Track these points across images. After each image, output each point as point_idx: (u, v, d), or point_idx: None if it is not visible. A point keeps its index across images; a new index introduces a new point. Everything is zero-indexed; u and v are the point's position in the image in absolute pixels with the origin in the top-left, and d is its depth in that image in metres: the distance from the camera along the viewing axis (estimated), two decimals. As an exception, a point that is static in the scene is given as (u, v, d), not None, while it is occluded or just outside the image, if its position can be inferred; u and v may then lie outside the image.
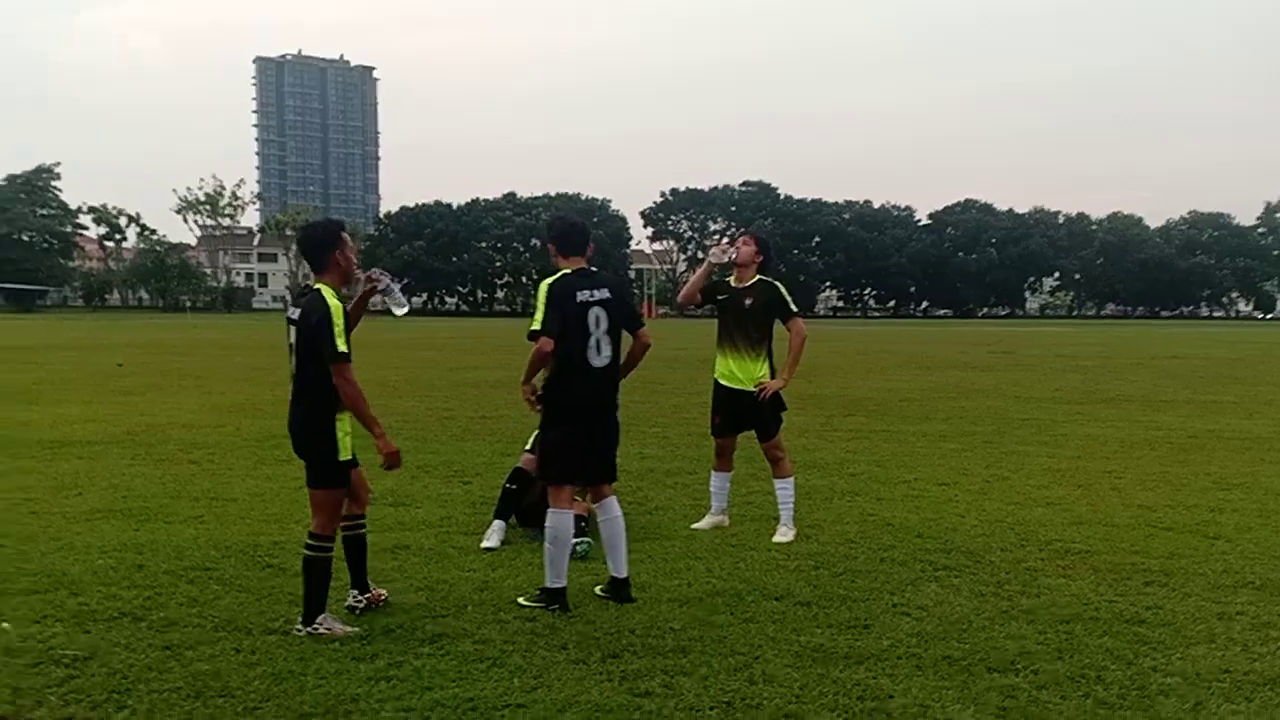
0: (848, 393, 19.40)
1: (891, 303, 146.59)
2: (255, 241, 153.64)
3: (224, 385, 20.60)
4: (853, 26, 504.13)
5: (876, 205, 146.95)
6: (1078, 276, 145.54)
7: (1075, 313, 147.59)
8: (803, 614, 5.94)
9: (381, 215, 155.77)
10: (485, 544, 7.38)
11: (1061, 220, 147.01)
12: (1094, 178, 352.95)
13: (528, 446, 8.23)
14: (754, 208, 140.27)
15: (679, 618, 5.80)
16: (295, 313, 5.52)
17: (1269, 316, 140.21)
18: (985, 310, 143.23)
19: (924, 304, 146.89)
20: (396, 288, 5.94)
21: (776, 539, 7.77)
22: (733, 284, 8.03)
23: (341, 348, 5.30)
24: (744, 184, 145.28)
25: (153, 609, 5.86)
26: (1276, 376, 26.00)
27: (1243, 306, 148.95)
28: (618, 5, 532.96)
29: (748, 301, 7.89)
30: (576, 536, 6.94)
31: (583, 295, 6.00)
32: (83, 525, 8.01)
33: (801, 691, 4.76)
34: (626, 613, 5.90)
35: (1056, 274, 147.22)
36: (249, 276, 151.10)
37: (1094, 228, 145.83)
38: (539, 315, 5.95)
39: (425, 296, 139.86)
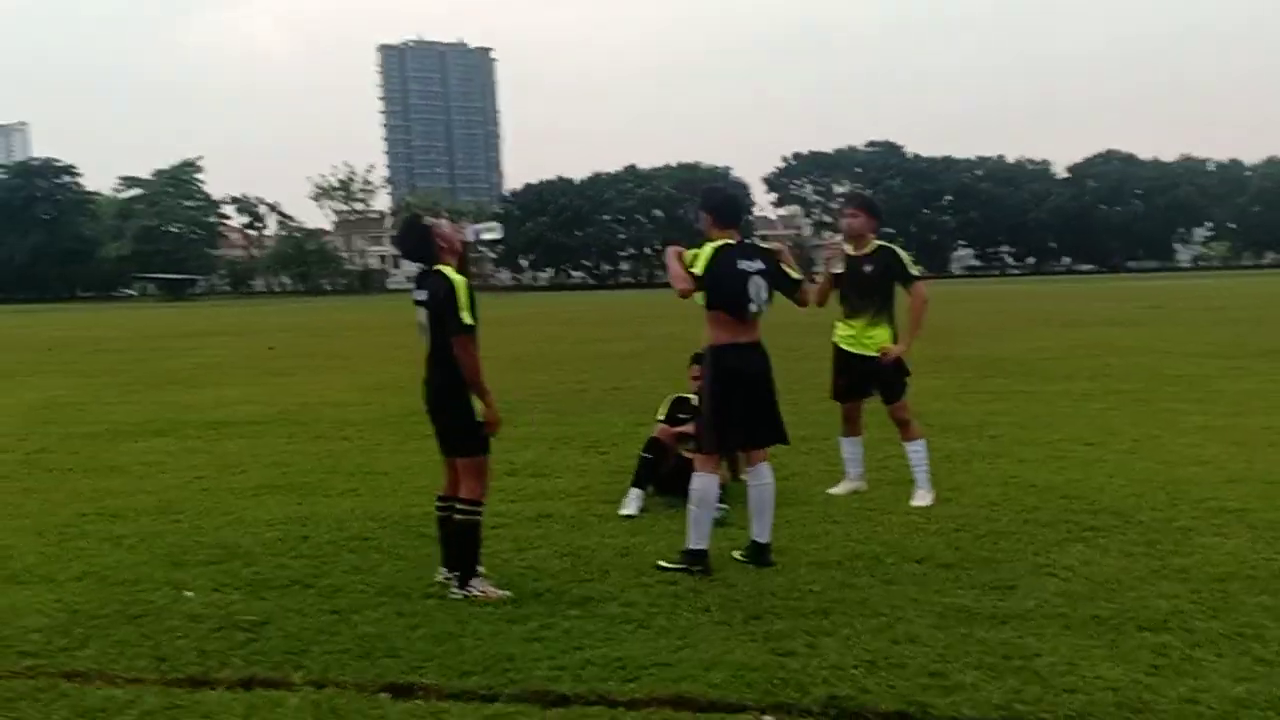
0: (985, 354, 19.03)
1: (1031, 259, 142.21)
2: (387, 224, 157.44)
3: (367, 365, 21.32)
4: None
5: (1010, 160, 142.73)
6: (1232, 225, 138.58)
7: (1232, 263, 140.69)
8: (944, 576, 5.95)
9: (506, 193, 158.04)
10: (624, 511, 7.57)
11: (1212, 168, 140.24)
12: (1247, 124, 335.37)
13: (660, 416, 8.41)
14: (880, 168, 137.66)
15: (819, 580, 5.88)
16: (421, 294, 5.76)
17: None
18: (1133, 263, 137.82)
19: (1066, 259, 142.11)
20: (476, 228, 6.28)
21: (914, 502, 7.75)
22: (850, 252, 8.01)
23: (467, 320, 5.52)
24: (869, 144, 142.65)
25: (320, 577, 6.22)
26: None
27: None
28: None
29: (867, 268, 7.88)
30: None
31: (743, 264, 6.13)
32: (249, 500, 8.48)
33: (945, 651, 4.80)
34: (767, 576, 6.01)
35: (1209, 223, 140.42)
36: (382, 259, 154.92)
37: (1248, 173, 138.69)
38: (696, 267, 6.10)
39: (551, 271, 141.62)
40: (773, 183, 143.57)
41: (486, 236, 6.45)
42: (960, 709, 4.20)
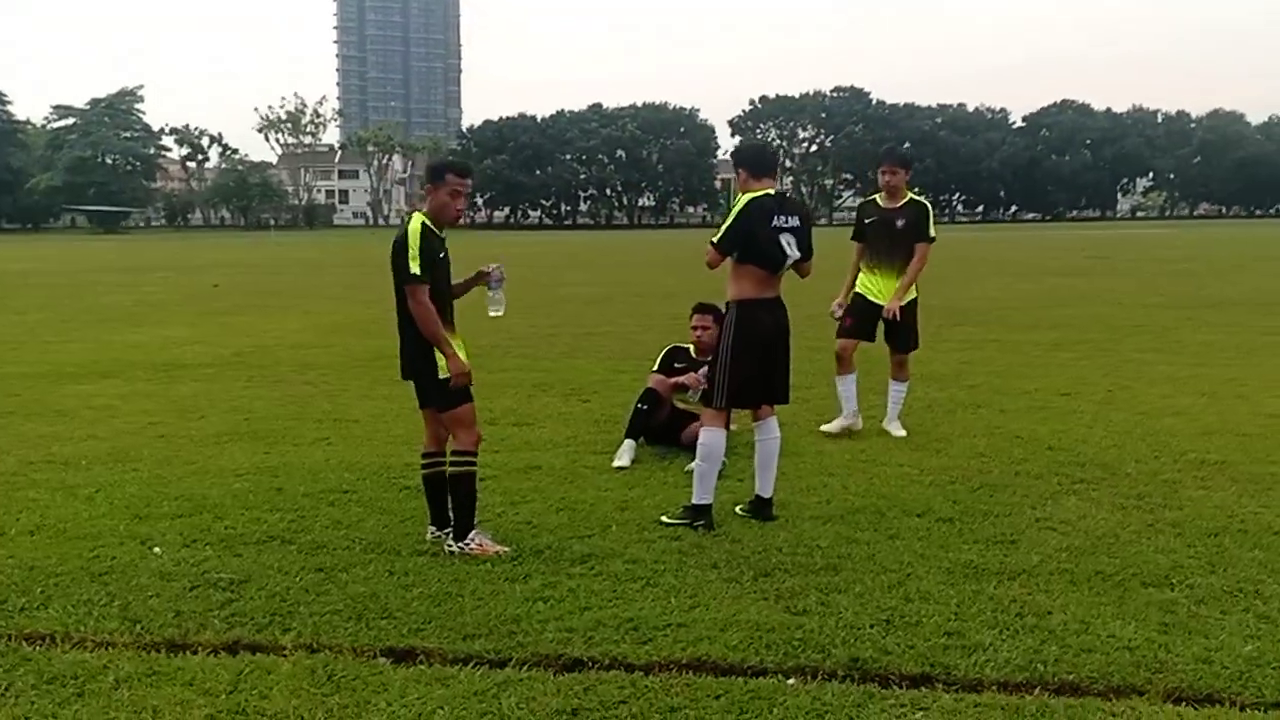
0: (951, 302, 19.07)
1: (980, 208, 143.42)
2: (337, 159, 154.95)
3: (322, 304, 20.91)
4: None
5: (971, 109, 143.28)
6: (1172, 176, 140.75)
7: (1168, 214, 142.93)
8: (947, 530, 5.89)
9: (464, 129, 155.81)
10: (617, 463, 7.42)
11: (1160, 119, 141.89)
12: (1200, 74, 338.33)
13: (654, 368, 8.25)
14: (845, 114, 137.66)
15: (824, 535, 5.78)
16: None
17: None
18: (1075, 213, 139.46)
19: (1012, 208, 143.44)
20: (500, 290, 5.94)
21: (891, 431, 8.32)
22: (881, 204, 8.29)
23: (414, 270, 5.32)
24: (835, 90, 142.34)
25: (299, 532, 5.95)
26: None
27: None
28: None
29: (900, 223, 8.17)
30: None
31: (778, 220, 5.94)
32: (213, 448, 8.17)
33: (959, 608, 4.72)
34: (771, 531, 5.90)
35: (1150, 174, 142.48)
36: (330, 194, 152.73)
37: (1193, 125, 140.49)
38: (724, 228, 5.93)
39: (508, 210, 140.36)
40: (738, 126, 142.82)
41: (491, 307, 6.05)
42: (984, 669, 4.11)
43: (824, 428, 8.43)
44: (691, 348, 8.17)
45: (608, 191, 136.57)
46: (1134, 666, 4.15)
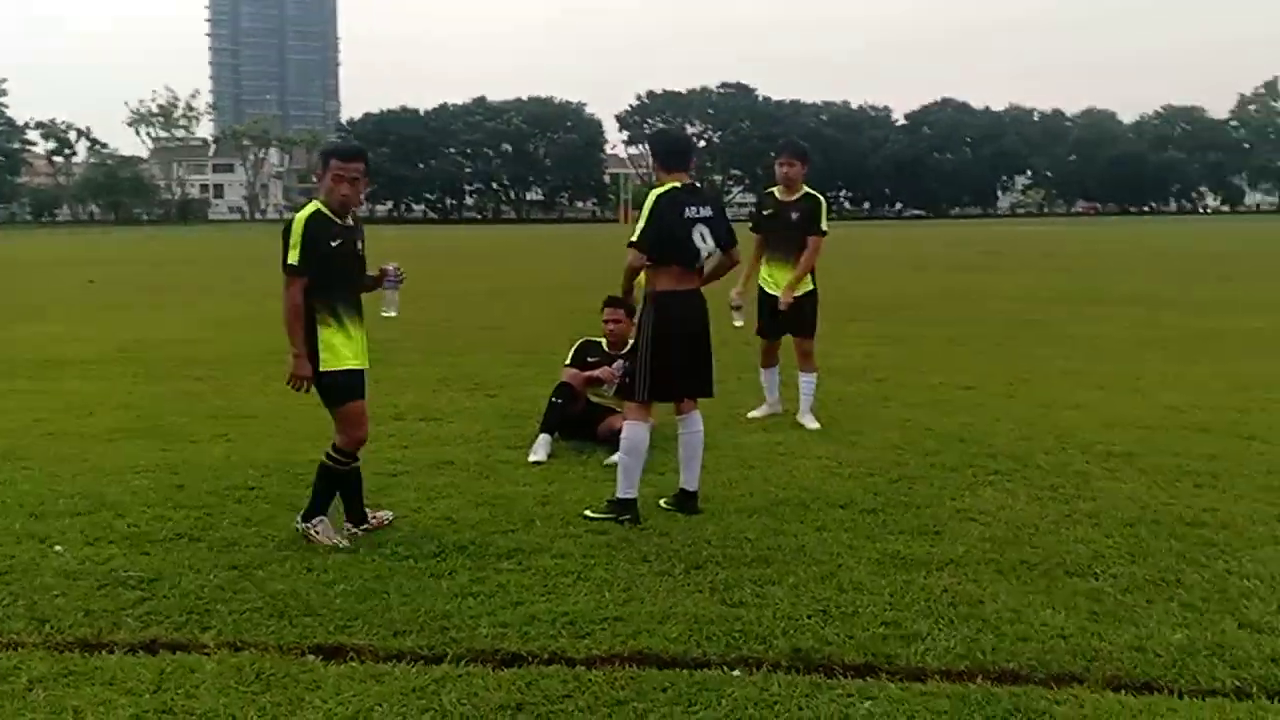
0: (848, 297, 19.35)
1: (866, 204, 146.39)
2: (211, 153, 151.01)
3: (204, 299, 20.33)
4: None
5: (855, 106, 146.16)
6: (1049, 174, 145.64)
7: (1046, 210, 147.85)
8: (871, 521, 5.96)
9: (343, 122, 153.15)
10: (533, 457, 7.35)
11: (1037, 118, 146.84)
12: (1072, 68, 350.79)
13: (566, 361, 8.22)
14: (731, 110, 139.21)
15: (751, 528, 5.80)
16: None
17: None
18: (958, 209, 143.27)
19: (898, 205, 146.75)
20: (395, 291, 5.87)
21: (806, 424, 8.43)
22: (779, 197, 8.56)
23: (291, 259, 5.35)
24: (722, 85, 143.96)
25: (208, 529, 5.80)
26: (1265, 271, 26.23)
27: (1211, 201, 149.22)
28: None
29: (794, 215, 8.45)
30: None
31: (689, 211, 5.92)
32: (105, 446, 7.89)
33: (893, 599, 4.78)
34: (698, 524, 5.90)
35: (1029, 172, 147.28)
36: (204, 188, 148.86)
37: (1068, 124, 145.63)
38: (639, 227, 5.91)
39: (391, 204, 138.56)
40: (625, 121, 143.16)
41: (384, 308, 5.90)
42: (925, 658, 4.16)
43: (750, 415, 8.79)
44: (604, 341, 8.15)
45: (494, 185, 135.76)
46: (1070, 654, 4.23)
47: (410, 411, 9.05)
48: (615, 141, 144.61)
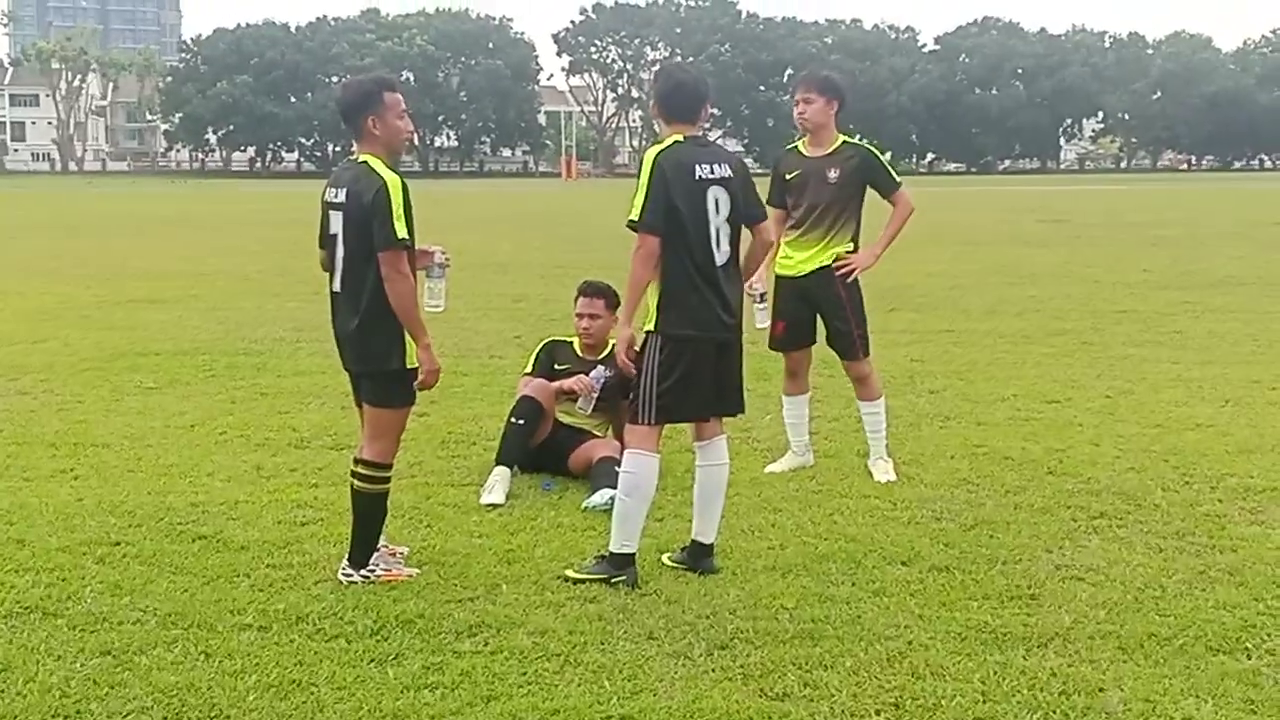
0: (880, 279, 19.39)
1: (887, 155, 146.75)
2: (7, 78, 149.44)
3: (20, 282, 20.04)
4: None
5: (869, 26, 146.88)
6: (1126, 117, 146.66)
7: (1125, 164, 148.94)
8: (945, 582, 6.04)
9: (186, 40, 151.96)
10: (488, 499, 7.39)
11: (1109, 44, 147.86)
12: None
13: (527, 369, 8.25)
14: (706, 29, 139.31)
15: (788, 592, 5.86)
16: (337, 194, 5.89)
17: None
18: (1007, 163, 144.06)
19: (928, 156, 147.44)
20: (441, 281, 6.21)
21: (876, 475, 8.00)
22: (804, 153, 8.06)
23: (401, 232, 5.70)
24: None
25: (65, 601, 5.76)
26: None
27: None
28: None
29: (832, 174, 7.91)
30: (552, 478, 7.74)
31: (701, 170, 5.94)
32: (-97, 485, 7.78)
33: (985, 686, 4.85)
34: (717, 587, 5.95)
35: (1099, 115, 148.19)
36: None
37: (1150, 52, 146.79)
38: (638, 199, 5.89)
39: (253, 152, 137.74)
40: (565, 42, 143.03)
41: (429, 300, 6.19)
42: (1037, 769, 4.22)
43: (769, 469, 8.30)
44: (576, 342, 8.17)
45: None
46: (1225, 760, 4.31)
47: (315, 437, 9.05)
48: (552, 70, 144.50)
